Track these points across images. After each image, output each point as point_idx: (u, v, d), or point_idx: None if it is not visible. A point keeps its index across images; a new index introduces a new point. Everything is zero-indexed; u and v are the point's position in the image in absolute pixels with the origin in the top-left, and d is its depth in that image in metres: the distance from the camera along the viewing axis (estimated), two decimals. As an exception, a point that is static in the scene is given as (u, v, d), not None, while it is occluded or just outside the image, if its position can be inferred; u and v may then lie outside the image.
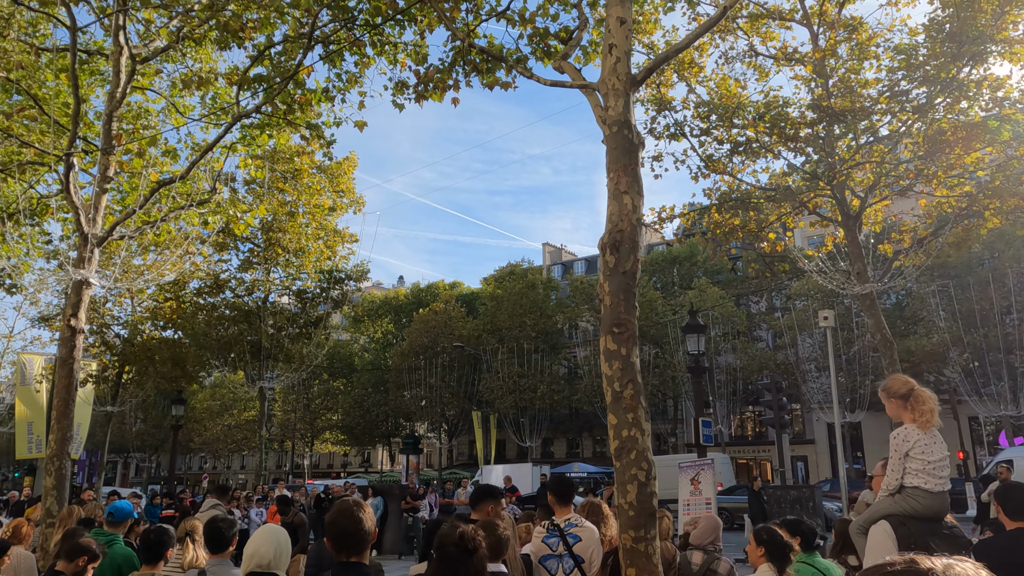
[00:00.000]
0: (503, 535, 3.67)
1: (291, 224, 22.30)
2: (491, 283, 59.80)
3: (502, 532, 3.69)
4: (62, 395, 9.52)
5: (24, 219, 14.30)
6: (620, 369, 5.01)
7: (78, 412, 31.21)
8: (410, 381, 55.74)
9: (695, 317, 15.45)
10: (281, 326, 24.45)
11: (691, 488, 13.28)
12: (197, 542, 5.38)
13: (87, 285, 9.83)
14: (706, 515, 5.56)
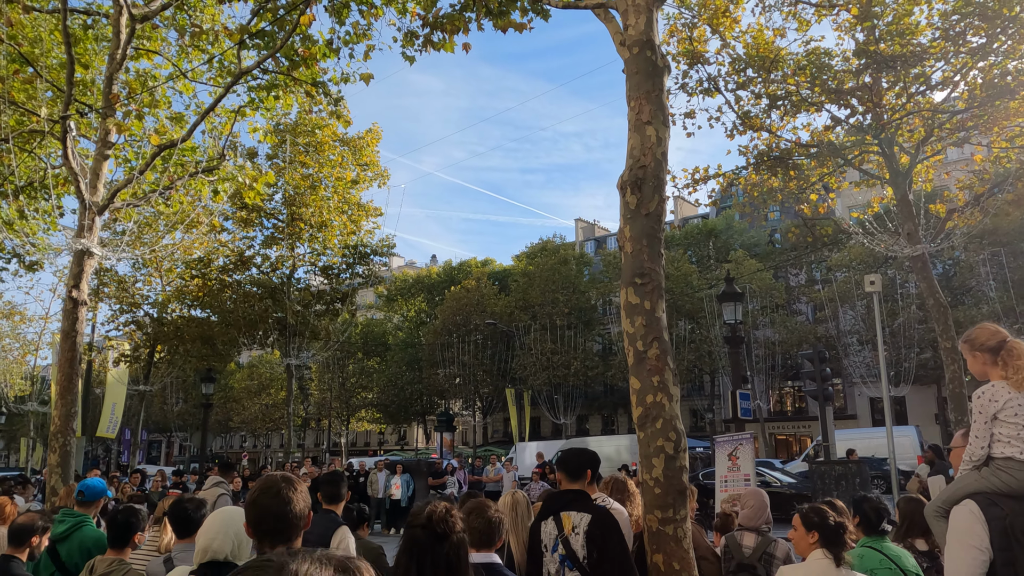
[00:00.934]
0: (494, 518, 3.06)
1: (313, 197, 21.85)
2: (523, 260, 59.12)
3: (493, 515, 3.07)
4: (65, 370, 9.15)
5: (38, 192, 14.00)
6: (644, 326, 4.33)
7: (112, 392, 31.55)
8: (443, 359, 55.53)
9: (732, 285, 14.62)
10: (307, 302, 24.13)
11: (728, 464, 12.57)
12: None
13: (88, 255, 9.41)
14: (752, 490, 4.86)
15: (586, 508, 3.76)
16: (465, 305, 55.23)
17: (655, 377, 4.24)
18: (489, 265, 68.87)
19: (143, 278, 27.70)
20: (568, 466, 3.98)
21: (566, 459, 4.05)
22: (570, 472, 3.96)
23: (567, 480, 3.99)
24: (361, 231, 23.97)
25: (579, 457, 4.04)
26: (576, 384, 50.24)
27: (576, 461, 3.99)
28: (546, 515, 3.82)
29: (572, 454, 4.18)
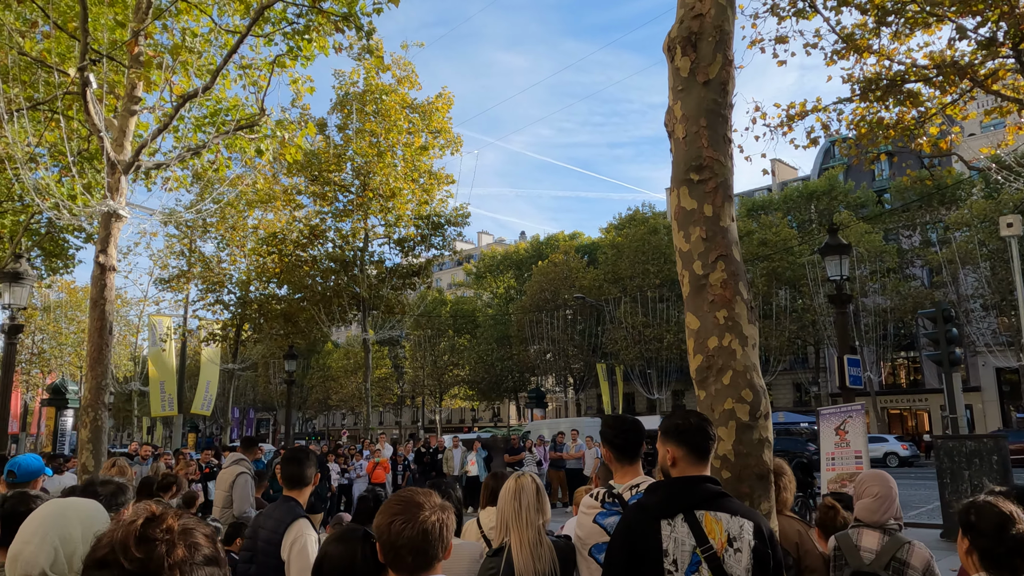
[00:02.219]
0: (432, 524, 1.90)
1: (380, 165, 21.11)
2: (611, 231, 57.30)
3: (432, 519, 1.91)
4: (95, 339, 8.55)
5: (91, 160, 13.71)
6: (703, 239, 3.02)
7: (206, 371, 32.16)
8: (533, 335, 54.77)
9: (836, 236, 12.77)
10: (382, 276, 23.58)
11: (836, 439, 10.93)
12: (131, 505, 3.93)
13: (116, 217, 8.77)
14: (874, 474, 3.37)
15: (741, 510, 2.50)
16: (553, 280, 54.26)
17: (720, 312, 2.93)
18: (577, 238, 67.46)
19: (228, 258, 27.90)
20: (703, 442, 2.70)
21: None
22: (703, 451, 2.64)
23: (696, 460, 2.63)
24: (434, 200, 23.14)
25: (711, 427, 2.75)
26: (670, 358, 48.34)
27: (711, 436, 2.68)
28: (671, 512, 2.52)
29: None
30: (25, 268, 11.74)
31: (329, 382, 73.58)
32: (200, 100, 9.53)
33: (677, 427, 2.67)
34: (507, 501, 3.21)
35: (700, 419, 2.71)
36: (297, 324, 26.52)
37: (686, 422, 2.67)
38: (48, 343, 42.42)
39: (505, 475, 3.47)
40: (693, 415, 2.74)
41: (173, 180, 12.79)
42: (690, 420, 2.68)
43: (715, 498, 2.49)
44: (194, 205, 27.80)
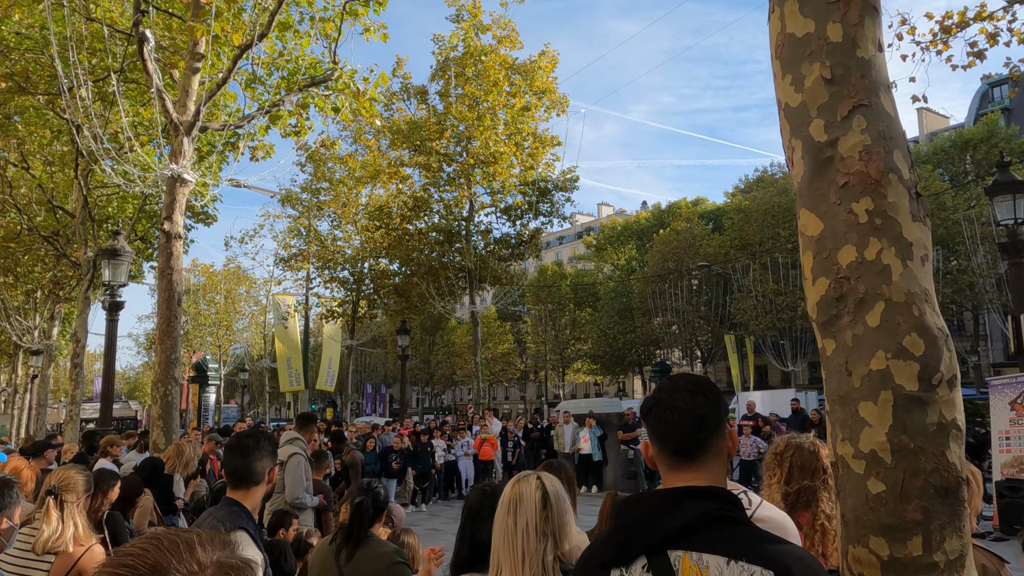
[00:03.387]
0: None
1: (480, 129, 20.20)
2: (737, 195, 54.12)
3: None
4: (163, 311, 8.12)
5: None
6: (827, 81, 1.76)
7: (327, 348, 32.85)
8: (656, 307, 52.96)
9: (1007, 171, 10.56)
10: (489, 246, 22.84)
11: (1012, 415, 9.04)
12: (68, 504, 3.14)
13: (181, 182, 8.27)
14: None
15: (753, 549, 1.38)
16: (676, 248, 52.12)
17: (861, 202, 1.67)
18: (700, 205, 64.48)
19: (342, 235, 28.12)
20: (677, 426, 1.56)
21: (668, 410, 1.58)
22: (682, 441, 1.55)
23: (675, 458, 1.56)
24: (540, 165, 22.01)
25: (697, 401, 1.58)
26: (805, 327, 45.14)
27: (693, 414, 1.56)
28: (625, 554, 1.50)
29: (681, 395, 1.69)
30: (123, 245, 11.68)
31: (453, 358, 74.83)
32: (277, 61, 8.87)
33: (644, 406, 1.63)
34: (499, 519, 2.14)
35: (681, 389, 1.60)
36: (410, 299, 26.34)
37: (654, 396, 1.61)
38: (190, 324, 45.05)
39: (492, 488, 2.40)
40: (672, 383, 1.63)
41: (260, 149, 12.37)
42: (660, 394, 1.60)
43: (707, 527, 1.43)
44: (309, 185, 28.22)
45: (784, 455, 2.81)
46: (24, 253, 20.35)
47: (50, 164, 16.54)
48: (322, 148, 28.46)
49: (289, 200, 27.74)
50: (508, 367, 72.66)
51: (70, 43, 8.84)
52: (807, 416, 15.57)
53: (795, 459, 2.78)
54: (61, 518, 3.06)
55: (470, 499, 2.66)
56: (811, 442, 2.83)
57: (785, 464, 2.81)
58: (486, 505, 2.58)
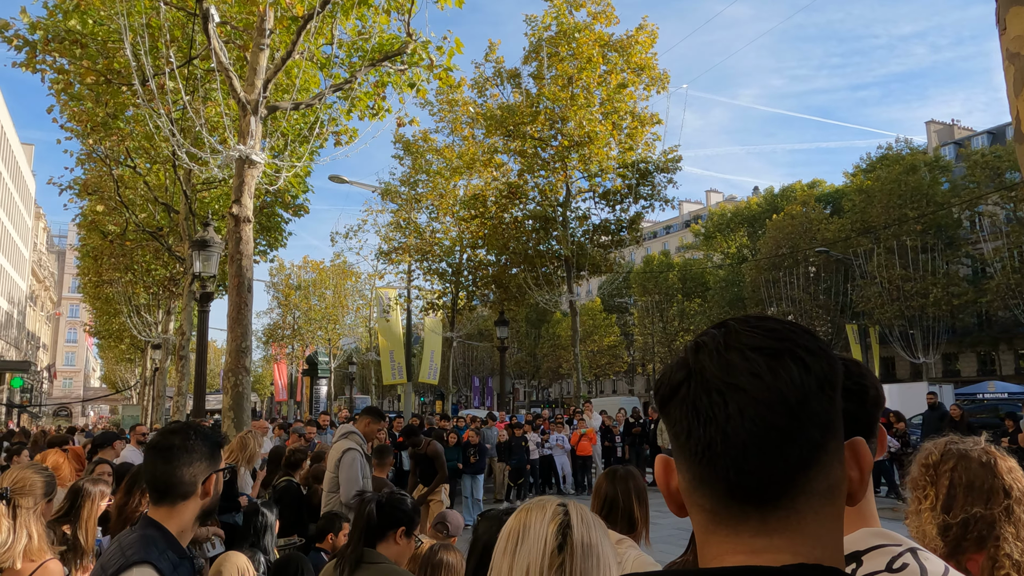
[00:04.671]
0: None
1: (574, 108, 19.30)
2: (858, 176, 50.60)
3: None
4: (233, 298, 7.81)
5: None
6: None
7: (429, 340, 33.04)
8: (770, 296, 50.57)
9: None
10: (587, 233, 21.96)
11: None
12: (23, 511, 2.62)
13: (249, 163, 7.93)
14: None
15: None
16: (791, 234, 49.45)
17: None
18: (817, 187, 60.92)
19: (440, 226, 28.01)
20: (738, 432, 0.70)
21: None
22: (749, 467, 0.70)
23: (730, 503, 0.72)
24: (639, 145, 20.88)
25: (787, 375, 0.71)
26: (938, 316, 41.73)
27: (776, 404, 0.70)
28: None
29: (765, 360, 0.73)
30: (212, 236, 11.64)
31: (559, 351, 74.41)
32: (356, 41, 8.41)
33: (666, 381, 0.78)
34: (494, 559, 1.40)
35: (748, 346, 0.73)
36: (508, 289, 25.87)
37: (683, 364, 0.77)
38: (302, 319, 46.52)
39: (496, 515, 1.63)
40: (727, 334, 0.76)
41: (344, 133, 12.06)
42: (699, 357, 0.75)
43: None
44: (407, 178, 28.24)
45: (941, 468, 1.88)
46: (135, 250, 21.25)
47: (154, 162, 17.03)
48: (420, 141, 28.49)
49: (388, 194, 27.83)
50: (614, 360, 71.51)
51: (144, 31, 8.73)
52: (946, 412, 13.81)
53: (959, 474, 1.86)
54: (13, 528, 2.54)
55: (479, 530, 1.92)
56: (982, 450, 1.89)
57: (943, 482, 1.88)
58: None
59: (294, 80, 10.34)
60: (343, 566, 2.53)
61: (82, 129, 15.62)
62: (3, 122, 53.50)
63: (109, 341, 43.69)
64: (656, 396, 0.79)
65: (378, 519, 2.64)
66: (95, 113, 14.23)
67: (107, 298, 30.45)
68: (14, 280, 61.66)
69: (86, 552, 3.35)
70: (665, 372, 0.79)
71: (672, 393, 0.76)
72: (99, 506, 3.65)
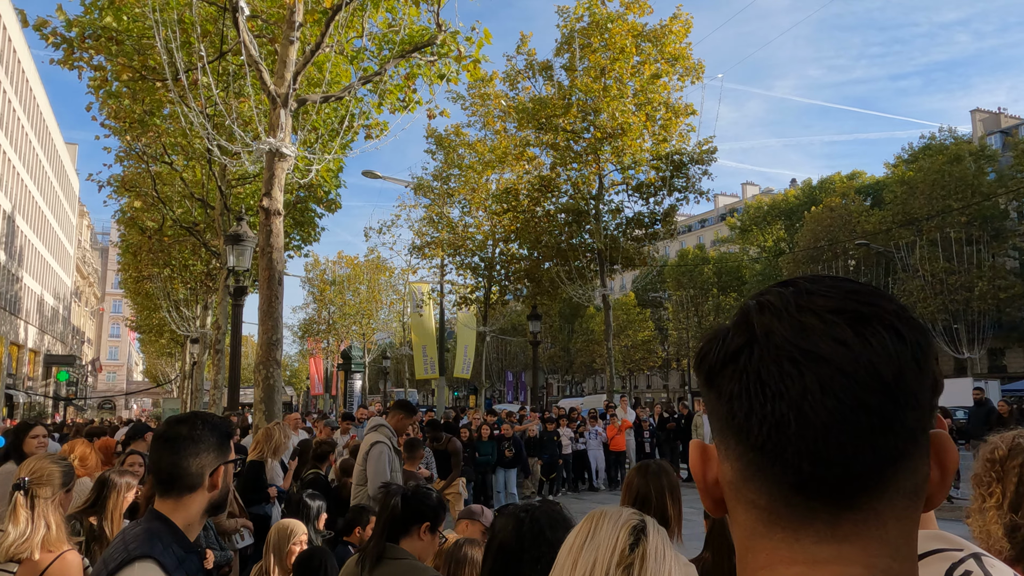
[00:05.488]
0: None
1: (607, 99, 19.06)
2: (900, 166, 49.41)
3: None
4: (264, 290, 7.82)
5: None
6: None
7: (462, 335, 33.07)
8: (807, 290, 49.77)
9: None
10: (621, 226, 21.70)
11: None
12: (41, 501, 2.58)
13: (279, 156, 7.93)
14: None
15: None
16: (830, 226, 48.57)
17: None
18: (857, 178, 59.62)
19: (472, 220, 27.98)
20: (818, 412, 0.57)
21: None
22: (831, 457, 0.57)
23: (796, 499, 0.58)
24: (673, 137, 20.56)
25: (880, 344, 0.58)
26: (983, 310, 40.60)
27: (867, 379, 0.57)
28: None
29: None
30: (245, 231, 11.71)
31: (592, 345, 74.11)
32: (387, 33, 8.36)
33: (716, 347, 0.63)
34: (562, 556, 1.31)
35: (825, 308, 0.59)
36: (541, 284, 25.75)
37: (743, 324, 0.62)
38: (336, 314, 46.94)
39: (532, 514, 1.54)
40: (797, 292, 0.61)
41: (374, 127, 12.04)
42: (764, 319, 0.60)
43: None
44: (440, 173, 28.25)
45: (1009, 464, 1.72)
46: (173, 245, 21.57)
47: (190, 158, 17.23)
48: (452, 136, 28.46)
49: (421, 189, 27.87)
50: (649, 355, 70.96)
51: (176, 27, 8.78)
52: (993, 408, 13.37)
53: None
54: (31, 518, 2.51)
55: (498, 528, 1.81)
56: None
57: (1011, 478, 1.72)
58: (525, 539, 1.73)
59: (324, 73, 10.34)
60: (365, 561, 2.44)
61: (120, 126, 15.86)
62: (48, 122, 54.82)
63: (150, 336, 44.58)
64: (702, 365, 0.65)
65: (402, 513, 2.56)
66: (132, 110, 14.43)
67: (147, 293, 31.03)
68: (59, 276, 63.25)
69: (110, 541, 3.33)
70: (715, 337, 0.64)
71: (727, 361, 0.61)
72: (125, 497, 3.63)
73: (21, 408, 45.49)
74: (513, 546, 1.76)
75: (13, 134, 43.02)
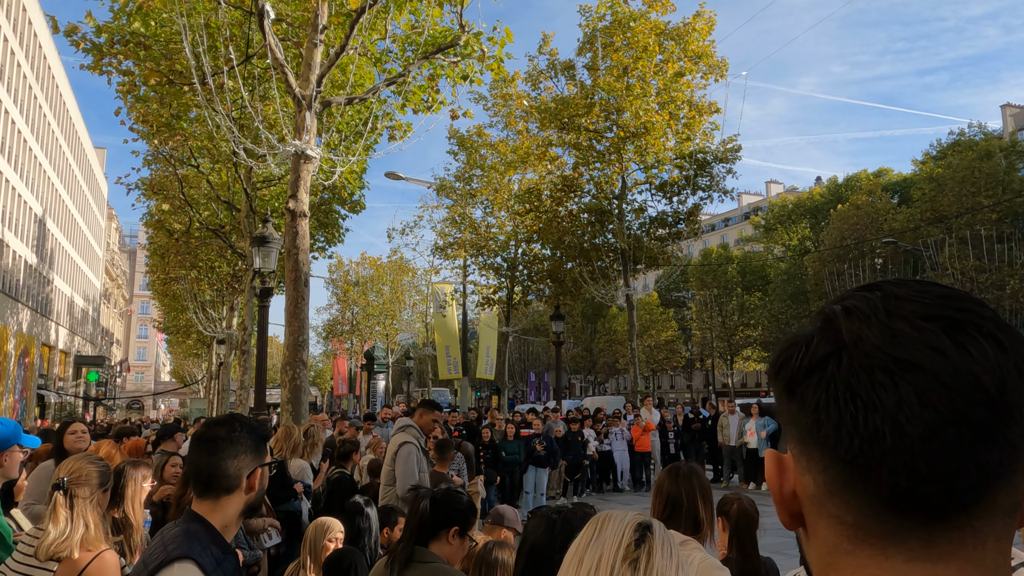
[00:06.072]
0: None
1: (630, 98, 18.97)
2: (928, 163, 48.70)
3: None
4: (290, 292, 7.88)
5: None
6: None
7: (484, 336, 33.08)
8: (834, 289, 49.16)
9: None
10: (644, 226, 21.59)
11: None
12: (80, 501, 2.62)
13: (305, 158, 7.99)
14: None
15: None
16: (856, 225, 47.99)
17: None
18: (883, 176, 58.85)
19: (495, 221, 27.98)
20: (915, 425, 0.55)
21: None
22: (932, 472, 0.55)
23: (889, 516, 0.56)
24: (697, 135, 20.42)
25: (983, 354, 0.56)
26: (1015, 308, 39.87)
27: (971, 391, 0.55)
28: None
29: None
30: (271, 232, 11.81)
31: (615, 345, 73.79)
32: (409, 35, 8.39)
33: (800, 353, 0.60)
34: (568, 557, 1.30)
35: (922, 315, 0.57)
36: (564, 284, 25.72)
37: (830, 329, 0.59)
38: (360, 314, 47.21)
39: (565, 515, 1.53)
40: (884, 296, 0.59)
41: (397, 129, 12.09)
42: (852, 326, 0.58)
43: None
44: (462, 174, 28.31)
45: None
46: (199, 247, 21.85)
47: (216, 161, 17.44)
48: (474, 136, 28.49)
49: (443, 190, 27.93)
50: (672, 355, 70.49)
51: (203, 31, 8.88)
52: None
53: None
54: (70, 518, 2.54)
55: (528, 528, 1.80)
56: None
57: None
58: (557, 541, 1.72)
59: (348, 76, 10.40)
60: (394, 564, 2.45)
61: (148, 130, 16.08)
62: (77, 128, 55.76)
63: (177, 336, 45.15)
64: (780, 373, 0.61)
65: (431, 517, 2.55)
66: (160, 114, 14.63)
67: (174, 295, 31.44)
68: (89, 279, 64.30)
69: (135, 528, 3.34)
70: (795, 343, 0.61)
71: (811, 369, 0.58)
72: (142, 487, 3.63)
73: (52, 408, 46.30)
74: (544, 548, 1.75)
75: (44, 139, 43.80)
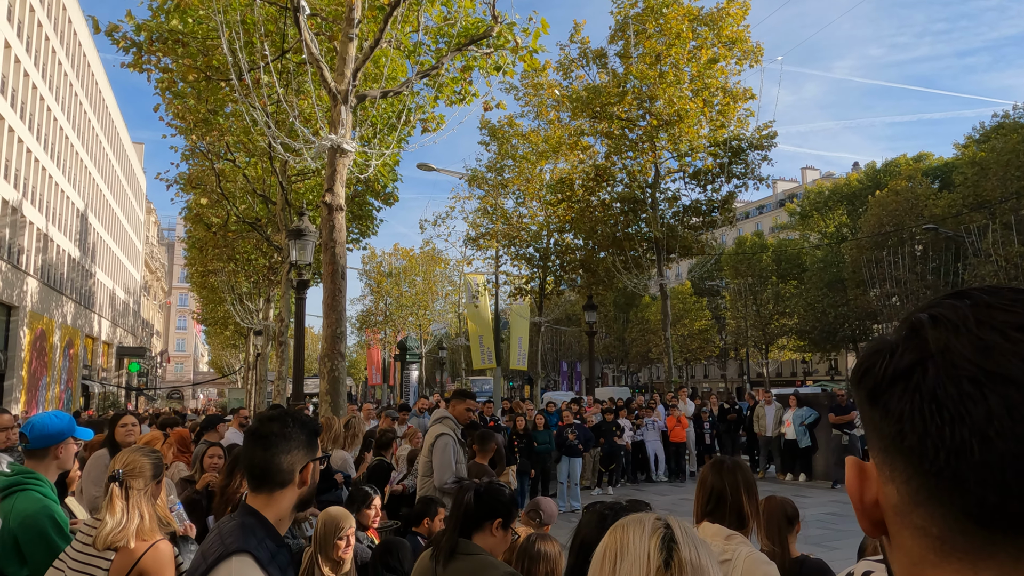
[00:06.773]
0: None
1: (663, 86, 18.75)
2: (970, 147, 47.46)
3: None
4: (328, 284, 7.98)
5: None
6: None
7: (516, 326, 33.14)
8: (872, 276, 48.26)
9: None
10: (678, 215, 21.38)
11: None
12: (135, 492, 2.70)
13: (341, 152, 8.06)
14: None
15: None
16: (895, 211, 46.98)
17: None
18: (924, 160, 57.50)
19: (527, 211, 27.95)
20: (1008, 442, 0.53)
21: None
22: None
23: (976, 532, 0.55)
24: (731, 122, 20.13)
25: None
26: (1064, 296, 38.68)
27: None
28: None
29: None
30: (307, 226, 11.96)
31: (648, 335, 73.32)
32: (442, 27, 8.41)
33: (886, 364, 0.59)
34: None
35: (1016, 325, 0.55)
36: (596, 273, 25.63)
37: (916, 339, 0.58)
38: (393, 305, 47.59)
39: (616, 512, 1.53)
40: (975, 304, 0.57)
41: (431, 121, 12.13)
42: (946, 336, 0.56)
43: None
44: (494, 164, 28.31)
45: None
46: (236, 240, 22.21)
47: (252, 155, 17.68)
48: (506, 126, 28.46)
49: (475, 180, 27.96)
50: (706, 344, 69.88)
51: (239, 27, 8.99)
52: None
53: None
54: (126, 508, 2.62)
55: (580, 523, 1.81)
56: None
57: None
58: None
59: (382, 69, 10.45)
60: (438, 556, 2.48)
61: (186, 125, 16.36)
62: (116, 123, 56.90)
63: (215, 328, 45.96)
64: (863, 381, 0.61)
65: (475, 509, 2.58)
66: (197, 110, 14.87)
67: (212, 287, 32.00)
68: (129, 272, 65.73)
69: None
70: (879, 351, 0.60)
71: (896, 378, 0.57)
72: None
73: (96, 398, 47.53)
74: (595, 544, 1.76)
75: (85, 136, 44.79)
